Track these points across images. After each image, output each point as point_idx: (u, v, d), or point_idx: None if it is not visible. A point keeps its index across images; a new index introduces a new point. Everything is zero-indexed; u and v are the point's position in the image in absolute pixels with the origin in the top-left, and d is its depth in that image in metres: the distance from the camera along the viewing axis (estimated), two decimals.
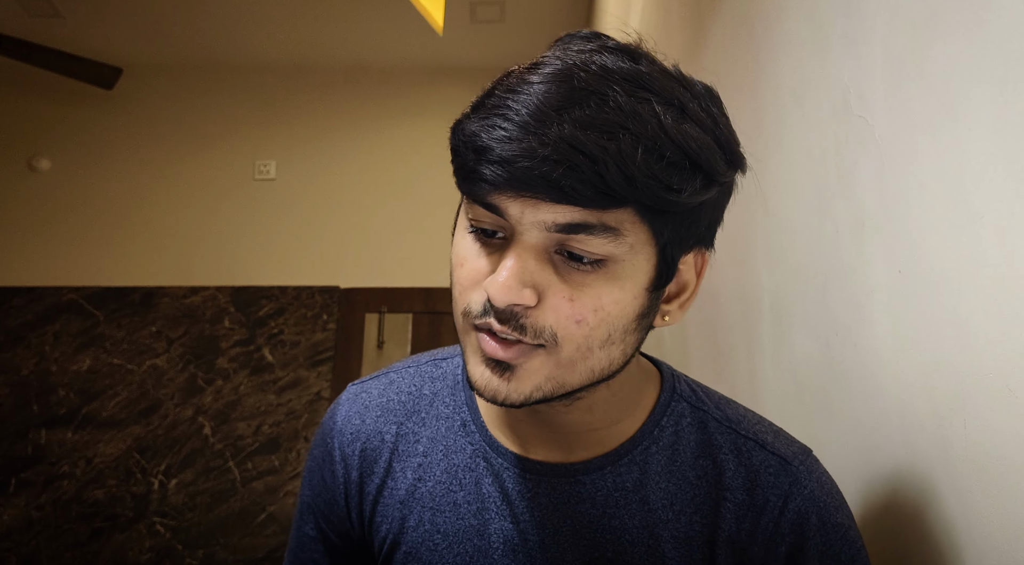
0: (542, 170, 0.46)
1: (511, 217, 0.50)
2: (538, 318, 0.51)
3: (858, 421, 0.74)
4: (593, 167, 0.46)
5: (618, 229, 0.49)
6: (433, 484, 0.64)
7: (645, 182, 0.47)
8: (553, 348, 0.52)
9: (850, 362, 0.75)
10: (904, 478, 0.65)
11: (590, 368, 0.53)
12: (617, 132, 0.47)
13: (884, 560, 0.68)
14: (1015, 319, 0.49)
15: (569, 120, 0.47)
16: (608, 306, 0.51)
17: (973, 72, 0.54)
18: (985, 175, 0.53)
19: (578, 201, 0.47)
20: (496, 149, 0.48)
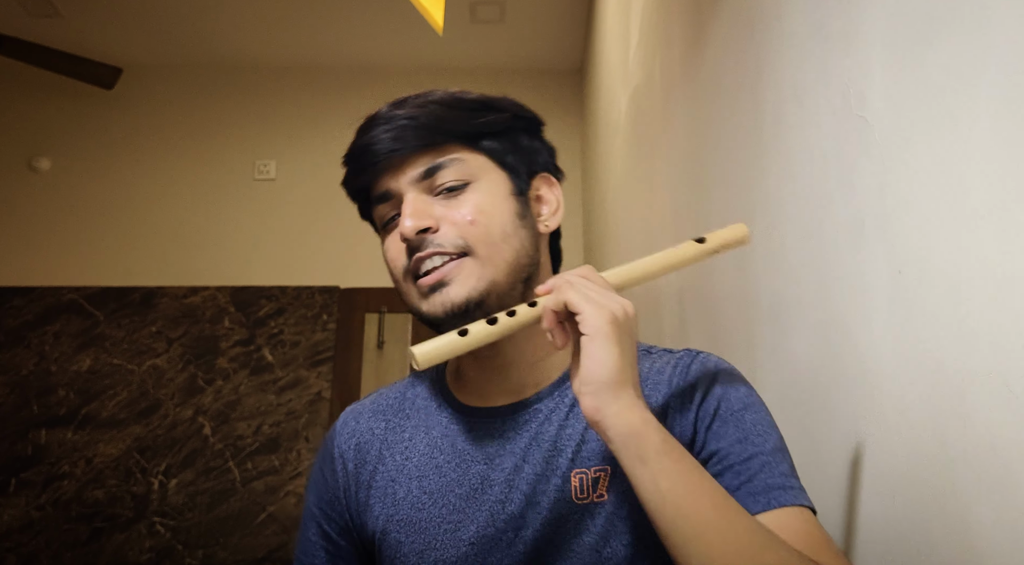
0: (390, 138, 0.71)
1: (394, 188, 0.72)
2: (444, 235, 0.69)
3: (858, 421, 0.74)
4: (415, 123, 0.71)
5: (458, 158, 0.72)
6: (417, 458, 0.75)
7: (452, 120, 0.72)
8: (470, 252, 0.69)
9: (850, 362, 0.75)
10: (904, 478, 0.65)
11: (505, 259, 0.70)
12: (427, 104, 0.73)
13: (884, 560, 0.68)
14: (1015, 319, 0.49)
15: (399, 113, 0.72)
16: (486, 208, 0.70)
17: (973, 72, 0.54)
18: (985, 175, 0.53)
19: (419, 148, 0.71)
20: (361, 146, 0.73)
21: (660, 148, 1.69)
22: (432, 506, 0.72)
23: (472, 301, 0.68)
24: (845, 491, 0.76)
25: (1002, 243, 0.51)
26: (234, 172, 3.49)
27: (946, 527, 0.58)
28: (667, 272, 0.68)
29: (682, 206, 1.49)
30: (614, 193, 2.46)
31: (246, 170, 3.49)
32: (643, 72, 1.92)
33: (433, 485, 0.73)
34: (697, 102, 1.36)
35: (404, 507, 0.73)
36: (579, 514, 0.67)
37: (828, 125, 0.79)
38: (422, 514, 0.72)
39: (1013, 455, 0.50)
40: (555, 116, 3.61)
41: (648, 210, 1.84)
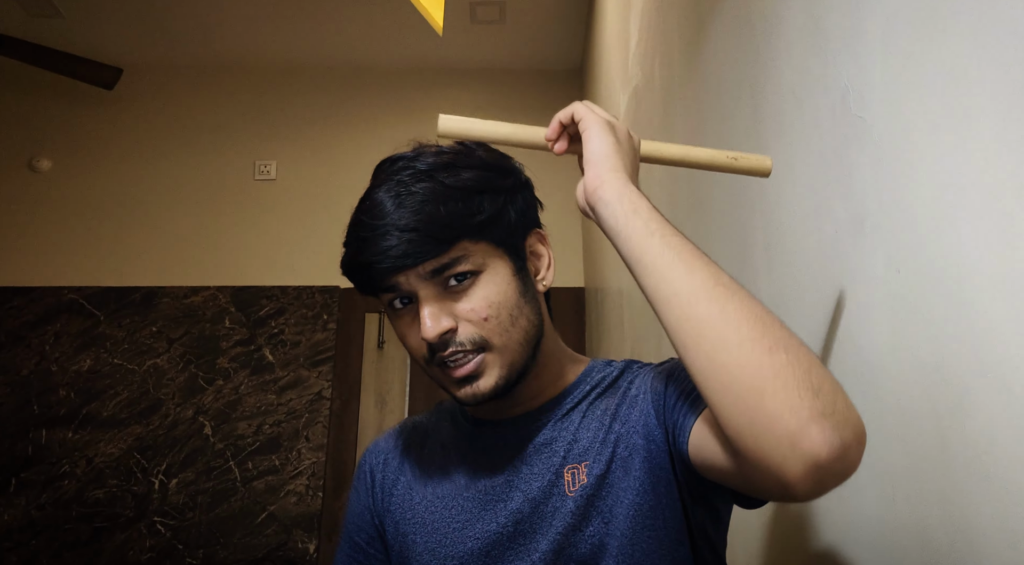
0: (399, 253, 0.72)
1: (403, 285, 0.74)
2: (463, 334, 0.73)
3: None
4: (422, 234, 0.72)
5: (464, 255, 0.74)
6: (434, 468, 0.84)
7: (453, 222, 0.73)
8: (489, 347, 0.74)
9: (850, 362, 0.75)
10: (904, 478, 0.65)
11: (517, 341, 0.75)
12: (423, 207, 0.73)
13: (884, 560, 0.68)
14: (1015, 319, 0.49)
15: (393, 220, 0.73)
16: (495, 299, 0.74)
17: (973, 72, 0.54)
18: (985, 175, 0.53)
19: (427, 256, 0.72)
20: (369, 260, 0.74)
21: None
22: (443, 509, 0.80)
23: (499, 388, 0.75)
24: (845, 490, 0.77)
25: (1002, 243, 0.51)
26: (234, 172, 3.49)
27: (946, 527, 0.58)
28: (690, 166, 0.78)
29: (682, 206, 1.49)
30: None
31: (246, 170, 3.49)
32: (643, 72, 1.92)
33: (445, 490, 0.81)
34: (697, 102, 1.36)
35: (419, 510, 0.82)
36: (571, 505, 0.74)
37: (828, 125, 0.79)
38: (435, 516, 0.80)
39: (1013, 455, 0.50)
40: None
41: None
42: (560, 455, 0.77)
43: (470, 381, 0.74)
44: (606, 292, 2.66)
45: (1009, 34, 0.50)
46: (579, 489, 0.74)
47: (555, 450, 0.77)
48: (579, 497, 0.74)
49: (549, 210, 0.87)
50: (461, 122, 0.76)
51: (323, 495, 3.03)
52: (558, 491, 0.75)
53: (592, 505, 0.73)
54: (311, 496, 3.02)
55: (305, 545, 2.95)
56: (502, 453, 0.80)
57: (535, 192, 0.85)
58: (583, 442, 0.77)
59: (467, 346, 0.73)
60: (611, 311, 2.52)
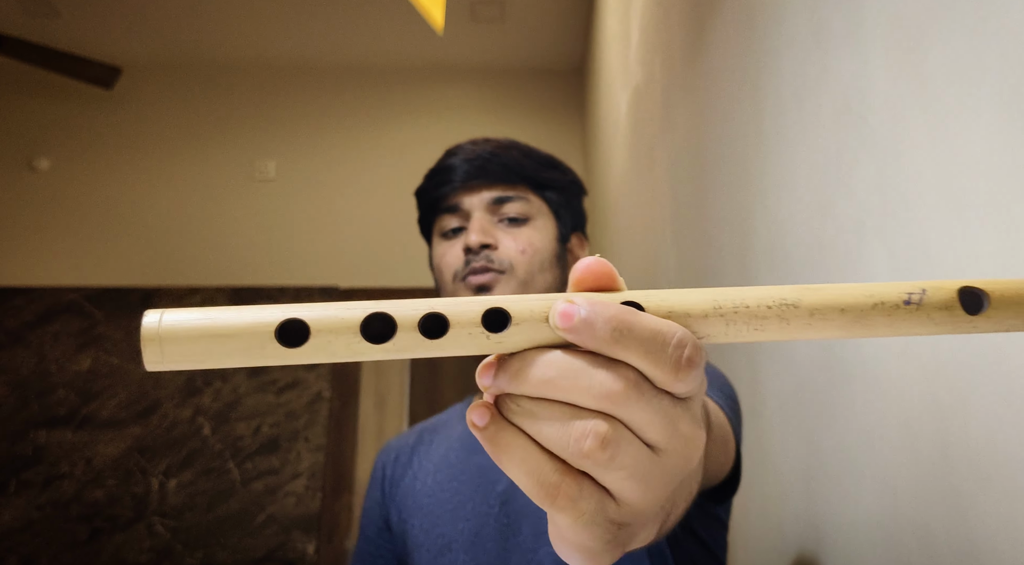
0: (478, 165, 0.85)
1: (466, 204, 0.85)
2: (499, 254, 0.82)
3: (858, 421, 0.74)
4: (501, 160, 0.85)
5: (526, 198, 0.85)
6: (437, 458, 0.88)
7: (529, 168, 0.86)
8: (512, 273, 0.82)
9: (850, 362, 0.75)
10: (904, 478, 0.65)
11: (538, 288, 0.82)
12: (510, 149, 0.87)
13: (885, 560, 0.68)
14: None
15: (486, 148, 0.86)
16: (536, 243, 0.84)
17: (973, 72, 0.54)
18: (985, 174, 0.53)
19: (499, 180, 0.84)
20: (452, 165, 0.86)
21: (660, 148, 1.69)
22: (441, 492, 0.84)
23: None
24: (845, 491, 0.76)
25: (1002, 243, 0.51)
26: (234, 172, 3.49)
27: (946, 527, 0.58)
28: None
29: (682, 206, 1.49)
30: (614, 193, 2.46)
31: (246, 170, 3.49)
32: (643, 72, 1.92)
33: (444, 476, 0.85)
34: (697, 102, 1.36)
35: (421, 496, 0.86)
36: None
37: (828, 125, 0.79)
38: (432, 499, 0.84)
39: (1013, 455, 0.50)
40: (555, 116, 3.63)
41: (648, 210, 1.84)
42: None
43: (483, 291, 0.81)
44: None
45: (1009, 34, 0.50)
46: None
47: None
48: None
49: None
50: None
51: (322, 496, 3.03)
52: None
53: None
54: (310, 497, 3.02)
55: (304, 546, 2.95)
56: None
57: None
58: None
59: (495, 265, 0.81)
60: None
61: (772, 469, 0.99)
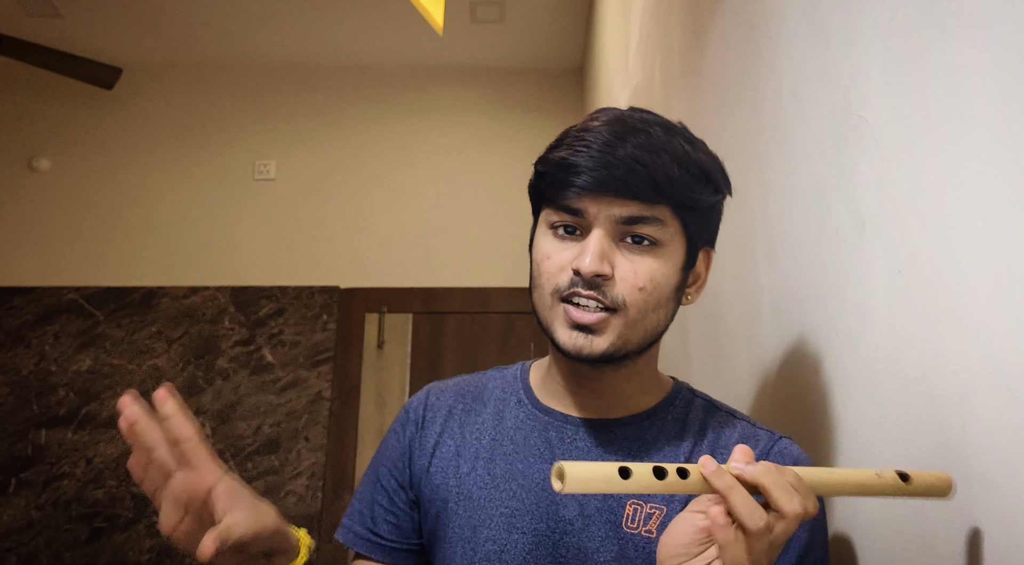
0: (615, 175, 0.69)
1: (589, 214, 0.70)
2: (613, 287, 0.70)
3: (858, 421, 0.74)
4: (647, 172, 0.69)
5: (662, 220, 0.71)
6: (487, 441, 0.80)
7: (678, 185, 0.70)
8: (623, 311, 0.70)
9: (850, 362, 0.75)
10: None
11: (646, 328, 0.73)
12: (660, 153, 0.70)
13: (884, 560, 0.68)
14: (1015, 319, 0.49)
15: (630, 144, 0.69)
16: (658, 278, 0.71)
17: (973, 72, 0.54)
18: (985, 175, 0.53)
19: (636, 197, 0.69)
20: (583, 164, 0.69)
21: None
22: (494, 488, 0.77)
23: (607, 354, 0.71)
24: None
25: (1002, 242, 0.51)
26: (234, 172, 3.49)
27: (946, 527, 0.58)
28: (849, 494, 0.63)
29: None
30: None
31: (246, 170, 3.49)
32: (643, 72, 1.92)
33: (498, 469, 0.77)
34: (697, 102, 1.36)
35: (467, 483, 0.78)
36: (624, 542, 0.71)
37: (828, 125, 0.79)
38: (483, 493, 0.77)
39: (1013, 455, 0.50)
40: (555, 116, 3.63)
41: None
42: None
43: (587, 332, 0.70)
44: None
45: (1009, 34, 0.50)
46: (640, 536, 0.70)
47: None
48: (638, 544, 0.70)
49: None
50: (592, 479, 0.54)
51: (322, 496, 3.03)
52: (614, 520, 0.72)
53: (650, 561, 0.69)
54: (311, 497, 3.02)
55: None
56: (568, 452, 0.76)
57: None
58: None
59: (606, 301, 0.70)
60: None
61: None
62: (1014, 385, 0.49)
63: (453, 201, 3.45)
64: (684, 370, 1.46)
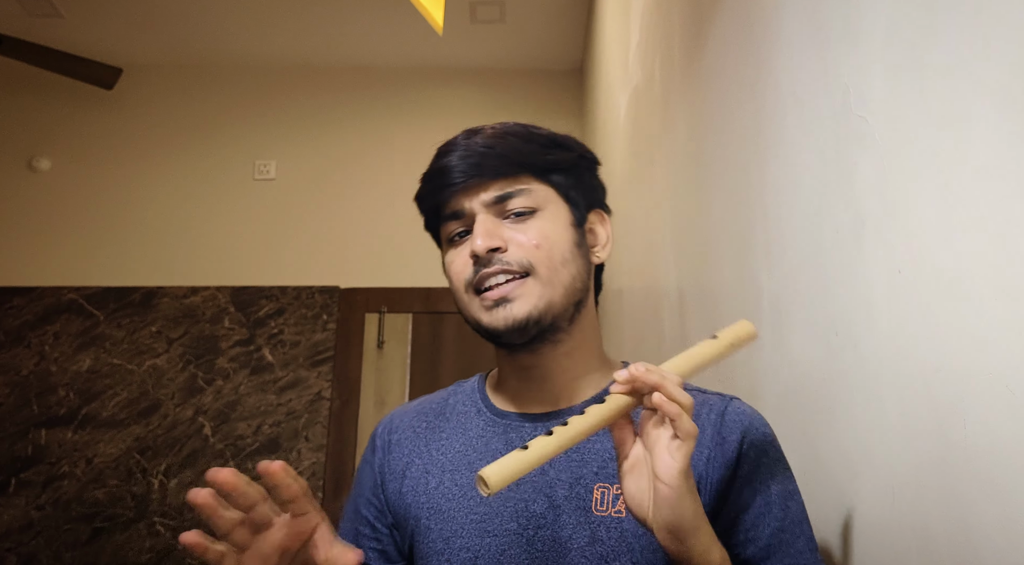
0: (472, 163, 0.77)
1: (467, 207, 0.77)
2: (512, 255, 0.75)
3: (858, 421, 0.74)
4: (496, 152, 0.77)
5: (530, 189, 0.78)
6: (451, 454, 0.81)
7: (528, 154, 0.78)
8: (533, 273, 0.75)
9: (850, 362, 0.75)
10: (904, 478, 0.65)
11: (563, 282, 0.76)
12: (505, 135, 0.79)
13: (884, 560, 0.68)
14: (1015, 319, 0.49)
15: (479, 137, 0.79)
16: (550, 234, 0.77)
17: (973, 72, 0.54)
18: (985, 175, 0.53)
19: (496, 175, 0.77)
20: (445, 165, 0.78)
21: (660, 148, 1.69)
22: (462, 498, 0.78)
23: (532, 318, 0.74)
24: (845, 491, 0.76)
25: (1002, 243, 0.51)
26: (234, 172, 3.49)
27: (946, 527, 0.58)
28: (693, 374, 0.69)
29: (682, 206, 1.49)
30: (614, 193, 2.46)
31: (246, 170, 3.49)
32: (643, 72, 1.92)
33: (464, 479, 0.79)
34: (697, 102, 1.36)
35: (436, 497, 0.79)
36: (595, 525, 0.72)
37: (828, 125, 0.79)
38: (452, 504, 0.78)
39: (1013, 455, 0.50)
40: (555, 116, 3.63)
41: (648, 210, 1.84)
42: (592, 468, 0.74)
43: (503, 304, 0.74)
44: (606, 291, 2.66)
45: (1009, 34, 0.50)
46: (610, 517, 0.72)
47: (587, 460, 0.75)
48: (610, 525, 0.71)
49: None
50: (506, 466, 0.59)
51: (323, 495, 3.03)
52: (584, 506, 0.73)
53: (624, 541, 0.71)
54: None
55: None
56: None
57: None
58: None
59: (512, 266, 0.74)
60: (611, 312, 2.52)
61: None
62: (1014, 385, 0.49)
63: None
64: None
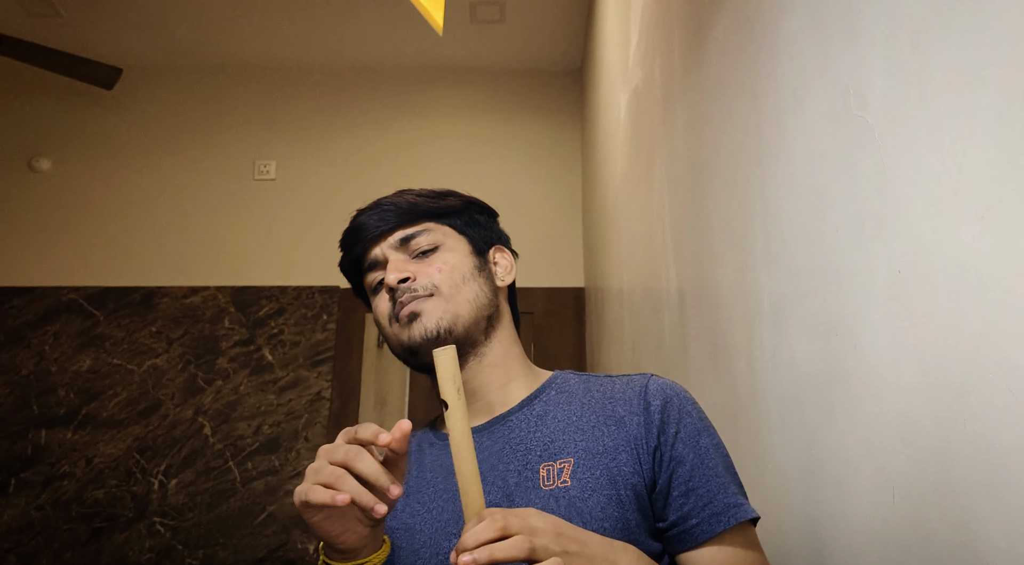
0: (378, 217, 0.92)
1: (380, 254, 0.92)
2: (419, 282, 0.87)
3: (858, 421, 0.74)
4: (396, 207, 0.92)
5: (430, 229, 0.92)
6: (412, 480, 0.88)
7: (422, 204, 0.93)
8: (437, 293, 0.87)
9: (850, 362, 0.75)
10: (904, 478, 0.65)
11: (466, 298, 0.88)
12: (404, 193, 0.95)
13: (884, 560, 0.68)
14: (1015, 319, 0.49)
15: (384, 200, 0.94)
16: (451, 261, 0.90)
17: (973, 72, 0.54)
18: (985, 174, 0.53)
19: (398, 225, 0.92)
20: (361, 226, 0.93)
21: (660, 148, 1.70)
22: (424, 512, 0.84)
23: (441, 328, 0.86)
24: (845, 491, 0.77)
25: (1002, 243, 0.51)
26: (234, 172, 3.49)
27: (946, 527, 0.58)
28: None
29: (682, 206, 1.49)
30: (614, 193, 2.46)
31: (246, 170, 3.49)
32: (643, 72, 1.92)
33: (425, 496, 0.85)
34: (697, 102, 1.36)
35: (403, 516, 0.85)
36: (546, 499, 0.78)
37: (828, 125, 0.79)
38: (416, 519, 0.84)
39: (1013, 455, 0.50)
40: (555, 116, 3.63)
41: (648, 210, 1.84)
42: (536, 453, 0.82)
43: (414, 319, 0.86)
44: (606, 292, 2.66)
45: (1009, 34, 0.50)
46: (558, 489, 0.78)
47: (531, 447, 0.83)
48: (559, 496, 0.77)
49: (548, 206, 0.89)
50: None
51: None
52: (532, 485, 0.79)
53: (573, 506, 0.76)
54: None
55: (304, 545, 2.95)
56: (481, 456, 0.82)
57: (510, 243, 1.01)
58: (559, 443, 0.82)
59: (419, 292, 0.86)
60: (611, 311, 2.52)
61: (772, 469, 0.99)
62: (1014, 385, 0.49)
63: None
64: (683, 370, 1.46)
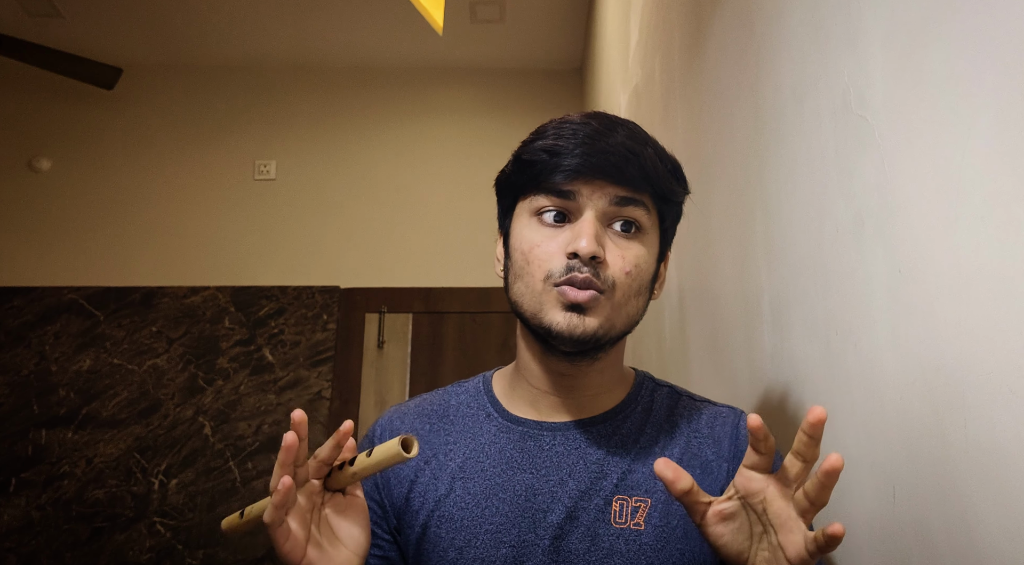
0: (611, 161, 0.72)
1: (582, 196, 0.73)
2: (605, 269, 0.72)
3: (858, 421, 0.74)
4: (638, 161, 0.73)
5: (647, 205, 0.75)
6: (461, 460, 0.79)
7: (661, 175, 0.75)
8: (611, 294, 0.72)
9: (850, 362, 0.75)
10: (904, 478, 0.65)
11: (628, 313, 0.75)
12: (645, 145, 0.75)
13: (884, 560, 0.68)
14: (1015, 319, 0.49)
15: (620, 134, 0.74)
16: (642, 264, 0.75)
17: (973, 72, 0.54)
18: (985, 175, 0.53)
19: (627, 183, 0.73)
20: (575, 149, 0.72)
21: None
22: (475, 506, 0.76)
23: (598, 336, 0.73)
24: (845, 491, 0.77)
25: (1002, 242, 0.51)
26: (234, 172, 3.49)
27: (946, 527, 0.58)
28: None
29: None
30: None
31: (246, 170, 3.49)
32: (643, 72, 1.92)
33: (478, 487, 0.77)
34: (697, 102, 1.36)
35: (447, 505, 0.77)
36: (614, 537, 0.72)
37: (828, 125, 0.79)
38: (465, 513, 0.76)
39: (1013, 455, 0.50)
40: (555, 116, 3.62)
41: None
42: (612, 481, 0.75)
43: (579, 311, 0.71)
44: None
45: (1009, 34, 0.50)
46: (629, 529, 0.72)
47: (607, 472, 0.75)
48: (628, 538, 0.72)
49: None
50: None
51: None
52: (603, 518, 0.73)
53: (642, 554, 0.71)
54: None
55: None
56: (548, 459, 0.77)
57: None
58: (637, 474, 0.75)
59: (599, 283, 0.71)
60: None
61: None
62: (1014, 385, 0.49)
63: (453, 201, 3.45)
64: (684, 370, 1.46)
